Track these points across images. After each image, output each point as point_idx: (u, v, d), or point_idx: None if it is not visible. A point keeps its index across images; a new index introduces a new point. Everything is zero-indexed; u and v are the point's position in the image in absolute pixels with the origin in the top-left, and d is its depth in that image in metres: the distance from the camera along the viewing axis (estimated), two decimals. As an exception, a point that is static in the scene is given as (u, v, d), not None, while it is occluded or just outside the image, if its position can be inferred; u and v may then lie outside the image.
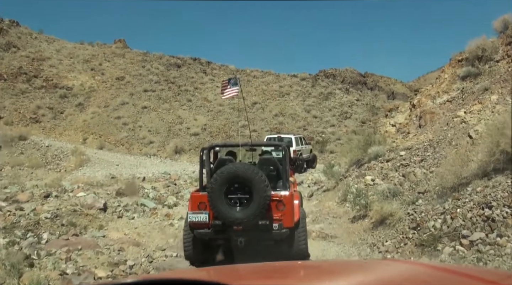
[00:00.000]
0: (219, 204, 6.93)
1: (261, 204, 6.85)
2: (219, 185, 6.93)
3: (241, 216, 6.91)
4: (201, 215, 7.29)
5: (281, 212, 7.23)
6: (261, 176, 6.90)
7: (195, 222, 7.38)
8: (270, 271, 2.32)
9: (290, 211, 7.30)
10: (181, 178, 21.41)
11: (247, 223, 6.96)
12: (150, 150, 35.17)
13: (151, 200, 15.67)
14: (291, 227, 7.30)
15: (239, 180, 7.00)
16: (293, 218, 7.34)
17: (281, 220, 7.21)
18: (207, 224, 7.31)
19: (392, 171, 11.98)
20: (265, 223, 7.09)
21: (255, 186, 6.85)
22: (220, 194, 6.93)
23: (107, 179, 22.22)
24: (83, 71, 47.21)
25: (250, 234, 7.19)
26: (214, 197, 6.93)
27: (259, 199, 6.83)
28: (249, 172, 6.93)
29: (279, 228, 7.15)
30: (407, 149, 12.67)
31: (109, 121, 39.60)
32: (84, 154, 32.96)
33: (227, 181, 6.99)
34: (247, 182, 6.94)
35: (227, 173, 6.97)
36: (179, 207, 14.10)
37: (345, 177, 14.47)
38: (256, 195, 6.85)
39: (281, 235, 7.24)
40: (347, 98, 46.73)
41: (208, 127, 38.72)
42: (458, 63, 17.39)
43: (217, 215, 7.09)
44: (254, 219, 6.94)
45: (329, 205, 12.85)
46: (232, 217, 6.92)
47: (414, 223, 9.01)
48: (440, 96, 16.28)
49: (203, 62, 52.48)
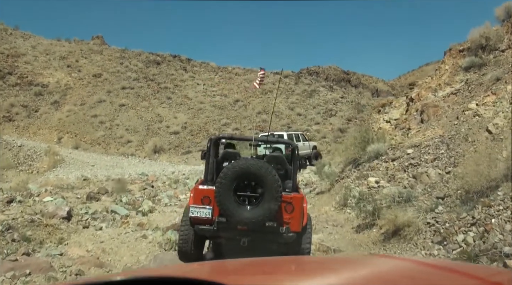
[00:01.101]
0: (227, 200, 6.31)
1: (272, 204, 6.25)
2: (229, 180, 6.30)
3: (250, 215, 6.29)
4: (204, 210, 6.66)
5: (289, 215, 6.59)
6: (275, 175, 6.29)
7: (196, 217, 6.69)
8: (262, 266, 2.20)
9: (299, 214, 6.66)
10: (159, 180, 19.51)
11: (255, 223, 6.31)
12: (127, 149, 33.15)
13: (124, 204, 13.81)
14: (298, 231, 6.64)
15: (251, 177, 6.38)
16: (301, 222, 6.69)
17: (289, 223, 6.57)
18: (210, 220, 6.64)
19: (400, 171, 10.29)
20: (272, 225, 6.42)
21: (268, 185, 6.24)
22: (229, 190, 6.31)
23: (79, 181, 20.28)
24: (59, 68, 45.10)
25: (255, 235, 6.53)
26: (222, 193, 6.29)
27: (270, 199, 6.24)
28: (262, 169, 6.30)
29: (286, 231, 6.50)
30: (415, 146, 10.98)
31: (85, 119, 37.50)
32: (58, 154, 31.07)
33: (237, 177, 6.35)
34: (259, 180, 6.33)
35: (239, 168, 6.34)
36: (155, 213, 12.25)
37: (341, 178, 12.75)
38: (268, 195, 6.25)
39: (287, 238, 6.55)
40: (331, 95, 45.19)
41: (189, 126, 36.77)
42: (459, 53, 15.84)
43: (223, 212, 6.42)
44: (263, 220, 6.31)
45: (325, 210, 11.11)
46: (240, 216, 6.30)
47: (439, 235, 7.34)
48: (442, 88, 14.69)
49: (183, 59, 50.51)
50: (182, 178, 19.41)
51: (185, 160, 31.91)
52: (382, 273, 1.89)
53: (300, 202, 6.70)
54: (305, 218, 6.84)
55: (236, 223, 6.40)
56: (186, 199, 14.44)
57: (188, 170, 25.21)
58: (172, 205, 13.61)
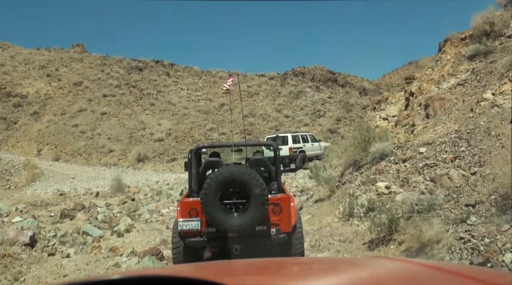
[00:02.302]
0: (214, 210, 6.20)
1: (259, 209, 6.16)
2: (213, 190, 6.19)
3: (238, 222, 6.19)
4: (193, 223, 6.58)
5: (278, 216, 6.53)
6: (259, 180, 6.19)
7: (186, 231, 6.59)
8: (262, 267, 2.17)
9: (287, 214, 6.57)
10: (142, 191, 17.80)
11: (245, 230, 6.19)
12: (110, 159, 31.33)
13: (100, 223, 12.13)
14: (289, 231, 6.58)
15: (235, 184, 6.28)
16: (290, 222, 6.60)
17: (279, 225, 6.52)
18: (200, 232, 6.57)
19: (414, 174, 8.73)
20: (262, 228, 6.37)
21: (253, 190, 6.16)
22: (214, 200, 6.21)
23: (55, 196, 18.53)
24: (39, 77, 43.23)
25: (246, 240, 6.42)
26: (208, 203, 6.17)
27: (257, 204, 6.15)
28: (245, 175, 6.20)
29: (277, 233, 6.47)
30: (427, 144, 9.43)
31: (65, 130, 35.62)
32: (37, 167, 29.24)
33: (221, 185, 6.24)
34: (244, 186, 6.24)
35: (222, 177, 6.23)
36: (133, 233, 10.56)
37: (343, 183, 11.17)
38: (254, 200, 6.17)
39: (279, 240, 6.52)
40: (319, 96, 43.71)
41: (173, 132, 34.99)
42: (461, 42, 14.41)
43: (211, 222, 6.31)
44: (252, 226, 6.21)
45: (328, 221, 9.51)
46: (229, 224, 6.19)
47: (479, 255, 5.79)
48: (446, 80, 13.24)
49: (166, 64, 48.77)
50: (165, 189, 17.72)
51: (170, 168, 30.18)
52: (383, 275, 1.83)
53: (288, 202, 6.59)
54: (293, 217, 6.68)
55: (226, 231, 6.25)
56: (169, 213, 12.81)
57: (174, 178, 23.54)
58: (153, 221, 11.94)
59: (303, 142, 23.47)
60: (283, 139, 22.96)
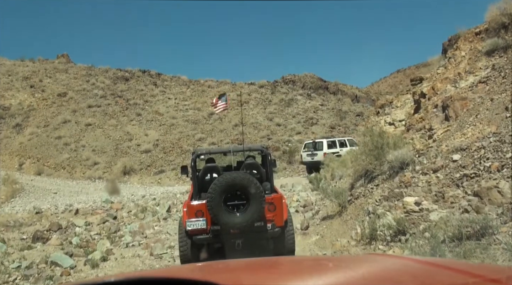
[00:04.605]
0: (220, 211, 6.86)
1: (258, 208, 6.89)
2: (218, 194, 6.84)
3: (240, 220, 6.89)
4: (199, 222, 7.21)
5: (273, 213, 7.31)
6: (257, 184, 6.91)
7: (193, 229, 7.25)
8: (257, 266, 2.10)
9: (280, 211, 7.37)
10: (125, 207, 15.90)
11: (246, 226, 6.92)
12: (94, 172, 29.38)
13: (74, 247, 10.29)
14: (282, 226, 7.37)
15: (236, 187, 6.97)
16: (283, 218, 7.39)
17: (273, 220, 7.30)
18: (205, 230, 7.24)
19: (450, 186, 7.03)
20: (260, 224, 7.10)
21: (252, 192, 6.86)
22: (219, 202, 6.86)
23: (30, 215, 16.60)
24: (22, 89, 41.34)
25: (246, 236, 7.18)
26: (214, 205, 6.82)
27: (256, 204, 6.87)
28: (245, 180, 6.90)
29: (272, 227, 7.25)
30: (460, 150, 7.74)
31: (48, 142, 33.66)
32: (17, 182, 27.28)
33: (226, 189, 6.91)
34: (244, 189, 6.93)
35: (225, 183, 6.88)
36: (110, 262, 8.73)
37: (355, 197, 9.42)
38: (253, 201, 6.87)
39: (274, 233, 7.32)
40: (311, 103, 42.04)
41: (161, 143, 33.07)
42: (476, 37, 12.83)
43: (217, 222, 6.98)
44: (252, 222, 6.95)
45: (343, 245, 7.77)
46: (232, 222, 6.88)
47: None
48: (463, 78, 11.63)
49: (153, 74, 46.90)
50: (151, 204, 15.85)
51: (158, 181, 28.29)
52: (381, 272, 1.77)
53: (280, 200, 7.40)
54: (285, 213, 7.46)
55: (229, 228, 6.94)
56: (154, 235, 11.00)
57: (161, 192, 21.67)
58: (135, 245, 10.07)
59: (340, 147, 23.31)
60: (319, 144, 23.81)
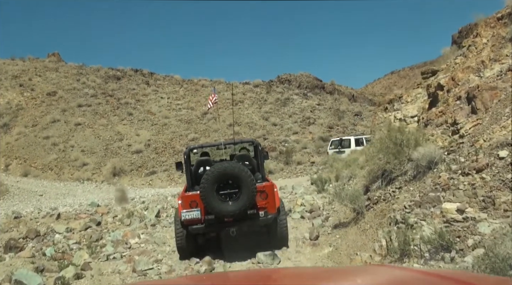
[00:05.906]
0: (212, 200, 7.07)
1: (249, 196, 7.12)
2: (210, 184, 7.04)
3: (233, 208, 7.12)
4: (194, 212, 7.37)
5: (265, 201, 7.52)
6: (247, 172, 7.15)
7: (188, 219, 7.41)
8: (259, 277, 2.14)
9: (272, 199, 7.60)
10: (111, 212, 14.45)
11: (239, 214, 7.18)
12: (83, 173, 27.85)
13: (47, 260, 8.86)
14: (274, 213, 7.60)
15: (228, 177, 7.19)
16: (275, 205, 7.62)
17: (266, 208, 7.52)
18: (200, 220, 7.42)
19: (502, 190, 5.67)
20: (253, 212, 7.33)
21: (243, 181, 7.09)
22: (212, 191, 7.06)
23: (8, 220, 15.11)
24: (11, 87, 39.77)
25: (240, 223, 7.43)
26: (207, 195, 7.02)
27: (247, 192, 7.09)
28: (236, 169, 7.13)
29: (265, 214, 7.47)
30: (507, 145, 6.41)
31: (36, 142, 32.09)
32: (2, 184, 25.77)
33: (217, 179, 7.10)
34: (235, 178, 7.16)
35: (217, 172, 7.07)
36: (85, 280, 7.32)
37: (374, 202, 8.02)
38: (245, 189, 7.11)
39: (267, 220, 7.55)
40: (307, 103, 40.71)
41: (153, 143, 31.57)
42: (498, 22, 11.54)
43: (211, 210, 7.18)
44: (245, 210, 7.18)
45: (364, 260, 6.41)
46: (225, 210, 7.12)
47: None
48: (488, 67, 10.34)
49: (145, 73, 45.41)
50: (139, 208, 14.41)
51: (149, 182, 26.83)
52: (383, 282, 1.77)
53: (272, 189, 7.71)
54: (277, 201, 7.76)
55: (223, 217, 7.29)
56: (140, 245, 9.56)
57: (151, 194, 20.23)
58: (116, 258, 8.61)
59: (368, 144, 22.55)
60: (346, 142, 23.19)
